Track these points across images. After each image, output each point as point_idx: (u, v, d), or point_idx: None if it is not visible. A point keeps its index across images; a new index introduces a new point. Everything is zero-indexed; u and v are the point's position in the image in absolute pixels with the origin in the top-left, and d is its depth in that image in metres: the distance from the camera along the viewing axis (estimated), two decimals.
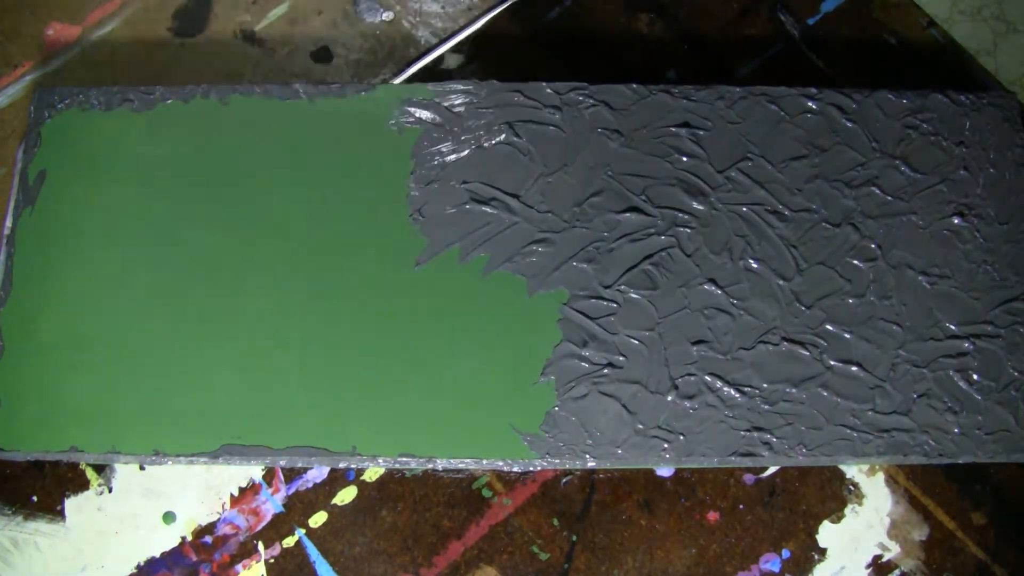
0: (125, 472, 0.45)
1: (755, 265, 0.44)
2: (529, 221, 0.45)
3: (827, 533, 0.45)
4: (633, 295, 0.44)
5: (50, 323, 0.43)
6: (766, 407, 0.42)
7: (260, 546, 0.44)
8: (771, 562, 0.44)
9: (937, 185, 0.46)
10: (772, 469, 0.45)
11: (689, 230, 0.45)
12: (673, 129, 0.46)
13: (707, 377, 0.43)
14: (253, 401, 0.42)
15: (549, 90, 0.47)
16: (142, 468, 0.45)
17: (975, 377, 0.43)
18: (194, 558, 0.44)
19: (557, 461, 0.41)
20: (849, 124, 0.47)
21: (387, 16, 0.54)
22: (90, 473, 0.45)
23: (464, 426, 0.41)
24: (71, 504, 0.44)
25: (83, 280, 0.44)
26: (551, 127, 0.46)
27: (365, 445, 0.41)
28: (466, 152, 0.46)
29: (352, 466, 0.44)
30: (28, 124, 0.46)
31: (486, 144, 0.46)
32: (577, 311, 0.43)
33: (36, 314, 0.43)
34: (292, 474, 0.45)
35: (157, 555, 0.44)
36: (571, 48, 0.53)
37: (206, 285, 0.43)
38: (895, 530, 0.45)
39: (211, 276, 0.44)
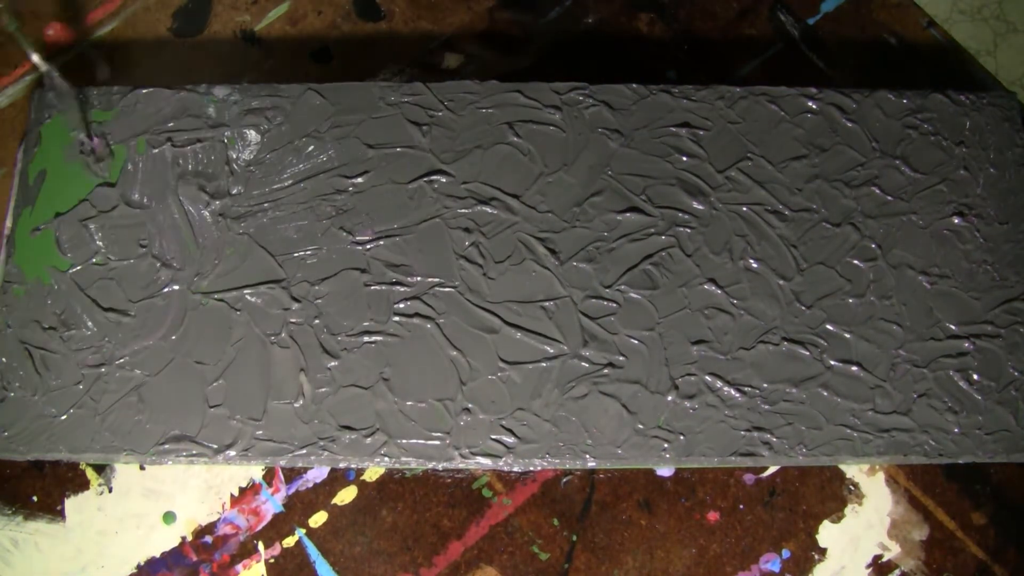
0: (125, 472, 0.45)
1: (755, 265, 0.44)
2: (529, 221, 0.45)
3: (827, 533, 0.45)
4: (633, 295, 0.44)
5: (50, 323, 0.43)
6: (766, 407, 0.42)
7: (260, 546, 0.44)
8: (771, 562, 0.44)
9: (937, 185, 0.46)
10: (772, 469, 0.45)
11: (689, 230, 0.45)
12: (673, 129, 0.46)
13: (707, 377, 0.43)
14: (255, 400, 0.42)
15: (549, 90, 0.47)
16: (142, 468, 0.45)
17: (975, 377, 0.43)
18: (194, 558, 0.44)
19: (557, 461, 0.41)
20: (849, 124, 0.47)
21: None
22: (90, 473, 0.45)
23: None
24: (71, 504, 0.44)
25: (83, 280, 0.44)
26: (551, 127, 0.46)
27: None
28: (466, 152, 0.46)
29: (352, 466, 0.44)
30: (28, 124, 0.46)
31: (486, 144, 0.46)
32: (579, 311, 0.43)
33: (36, 314, 0.43)
34: (292, 474, 0.45)
35: (157, 555, 0.44)
36: (571, 48, 0.53)
37: (206, 283, 0.44)
38: (895, 530, 0.45)
39: (212, 274, 0.44)
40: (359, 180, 0.45)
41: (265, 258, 0.44)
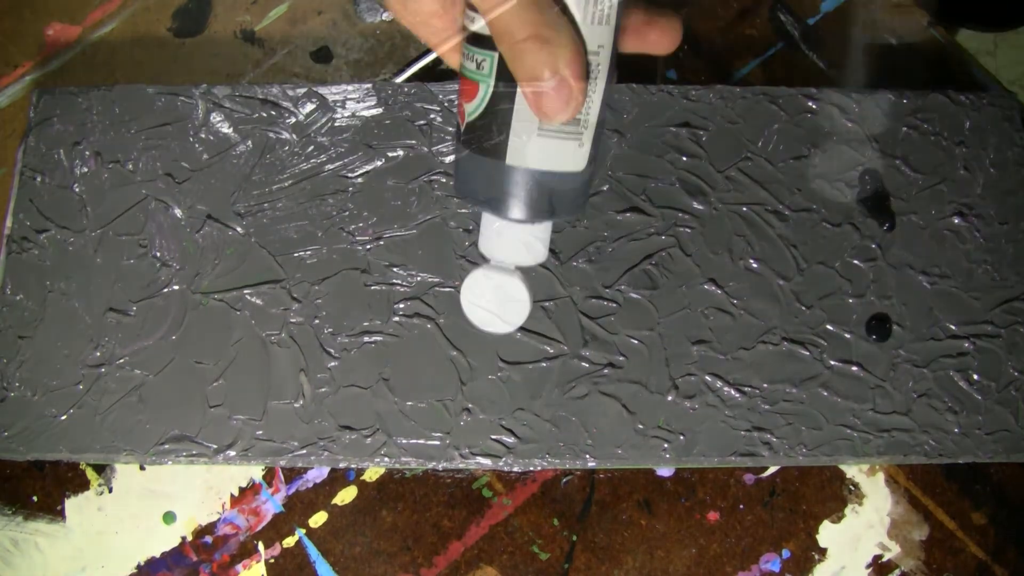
0: (125, 472, 0.45)
1: (755, 265, 0.44)
2: None
3: (827, 533, 0.45)
4: (633, 295, 0.44)
5: (50, 324, 0.43)
6: (766, 407, 0.42)
7: (260, 546, 0.44)
8: (771, 562, 0.44)
9: (937, 185, 0.46)
10: (772, 469, 0.45)
11: (689, 230, 0.45)
12: (673, 129, 0.46)
13: (707, 377, 0.43)
14: (255, 400, 0.42)
15: None
16: (142, 468, 0.45)
17: (975, 377, 0.43)
18: (194, 558, 0.44)
19: (557, 461, 0.41)
20: (849, 124, 0.47)
21: (387, 16, 0.54)
22: (90, 473, 0.45)
23: None
24: (71, 504, 0.44)
25: (83, 280, 0.44)
26: None
27: None
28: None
29: (352, 466, 0.44)
30: (28, 124, 0.46)
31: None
32: (579, 311, 0.43)
33: (36, 314, 0.43)
34: (292, 474, 0.45)
35: (157, 555, 0.44)
36: None
37: (206, 283, 0.44)
38: (895, 530, 0.45)
39: (212, 274, 0.44)
40: (359, 180, 0.45)
41: (265, 258, 0.44)
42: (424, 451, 0.41)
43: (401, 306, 0.43)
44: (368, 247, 0.44)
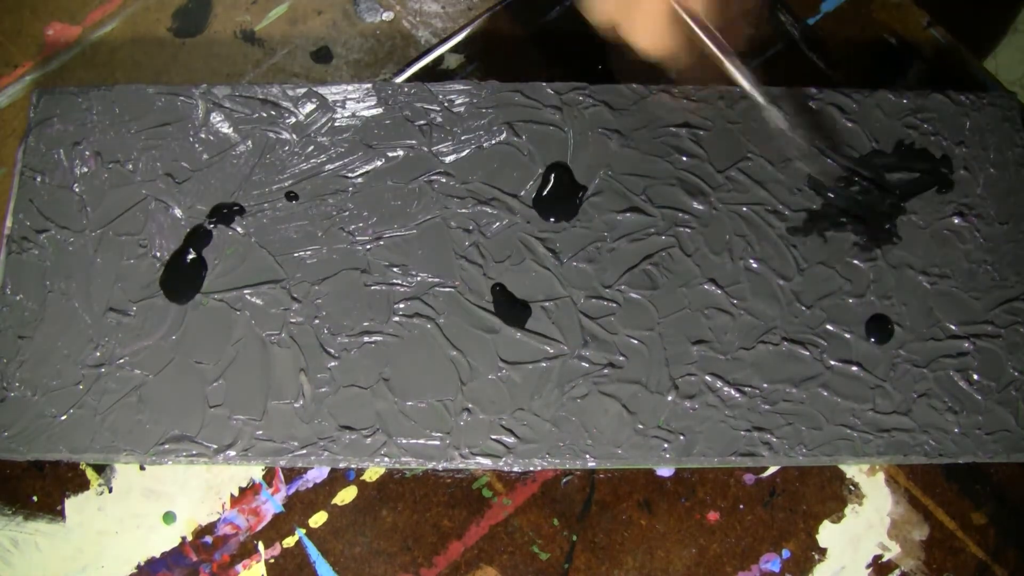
0: (125, 472, 0.45)
1: (755, 265, 0.44)
2: (529, 221, 0.45)
3: (827, 533, 0.45)
4: (633, 295, 0.44)
5: (50, 324, 0.43)
6: (766, 407, 0.42)
7: (260, 546, 0.44)
8: (771, 562, 0.44)
9: None
10: (772, 469, 0.45)
11: (689, 230, 0.45)
12: (673, 129, 0.46)
13: (707, 377, 0.43)
14: (255, 400, 0.42)
15: (549, 90, 0.47)
16: (142, 468, 0.45)
17: (975, 377, 0.43)
18: (194, 558, 0.44)
19: (557, 461, 0.41)
20: (849, 124, 0.47)
21: (387, 16, 0.54)
22: (90, 473, 0.45)
23: None
24: (71, 504, 0.44)
25: (83, 280, 0.44)
26: (551, 127, 0.46)
27: None
28: (466, 152, 0.46)
29: (352, 466, 0.44)
30: (28, 124, 0.46)
31: (486, 144, 0.46)
32: (579, 311, 0.43)
33: (36, 314, 0.43)
34: (292, 474, 0.45)
35: (157, 555, 0.44)
36: (571, 48, 0.53)
37: (206, 283, 0.43)
38: (895, 530, 0.45)
39: (212, 274, 0.44)
40: (359, 180, 0.45)
41: (265, 258, 0.44)
42: (424, 451, 0.41)
43: (401, 306, 0.43)
44: (368, 247, 0.44)
